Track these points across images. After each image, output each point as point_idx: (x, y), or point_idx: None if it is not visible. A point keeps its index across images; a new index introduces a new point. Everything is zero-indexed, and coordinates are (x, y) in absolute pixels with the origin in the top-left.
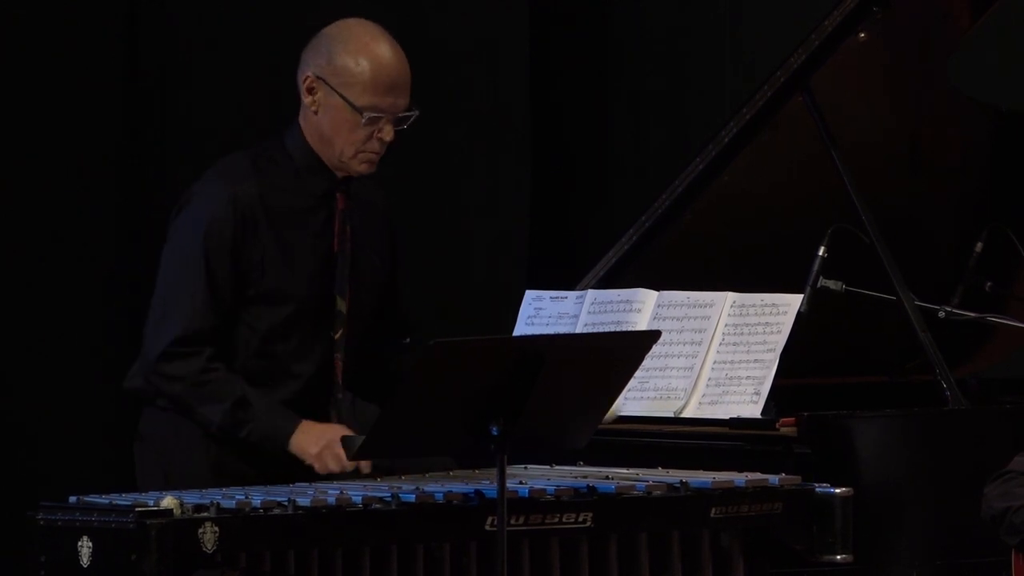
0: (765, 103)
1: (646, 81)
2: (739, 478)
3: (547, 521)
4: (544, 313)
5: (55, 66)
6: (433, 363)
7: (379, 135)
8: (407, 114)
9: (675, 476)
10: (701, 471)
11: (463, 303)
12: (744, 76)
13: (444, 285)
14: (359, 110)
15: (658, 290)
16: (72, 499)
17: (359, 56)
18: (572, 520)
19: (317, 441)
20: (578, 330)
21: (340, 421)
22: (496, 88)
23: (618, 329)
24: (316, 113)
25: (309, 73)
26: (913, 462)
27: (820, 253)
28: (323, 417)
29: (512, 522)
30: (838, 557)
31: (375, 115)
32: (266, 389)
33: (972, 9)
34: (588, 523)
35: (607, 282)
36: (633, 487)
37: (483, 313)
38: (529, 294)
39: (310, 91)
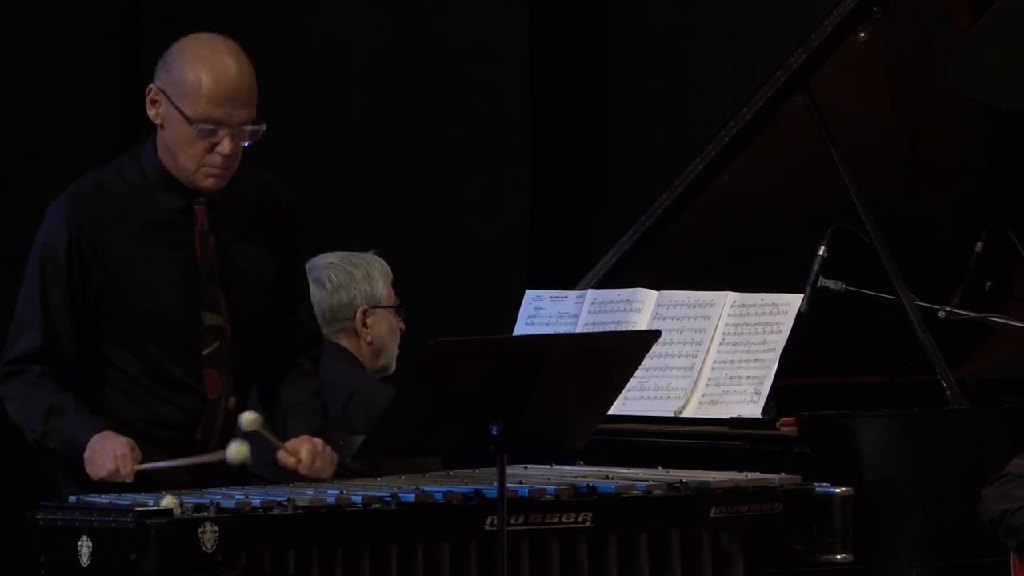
0: (765, 103)
1: (646, 81)
2: (739, 478)
3: (547, 521)
4: (544, 313)
5: (55, 66)
6: (433, 363)
7: (218, 150)
8: (251, 127)
9: (675, 476)
10: (701, 471)
11: (463, 303)
12: (744, 76)
13: (444, 285)
14: (191, 121)
15: (658, 290)
16: (72, 499)
17: (196, 67)
18: (572, 520)
19: (93, 446)
20: (578, 330)
21: (206, 435)
22: (496, 88)
23: (618, 329)
24: (162, 127)
25: (152, 85)
26: (913, 462)
27: (820, 253)
28: (191, 428)
29: (512, 522)
30: (838, 557)
31: (208, 127)
32: (148, 406)
33: (972, 9)
34: (588, 523)
35: (607, 282)
36: (633, 487)
37: (483, 313)
38: (529, 294)
39: (153, 103)
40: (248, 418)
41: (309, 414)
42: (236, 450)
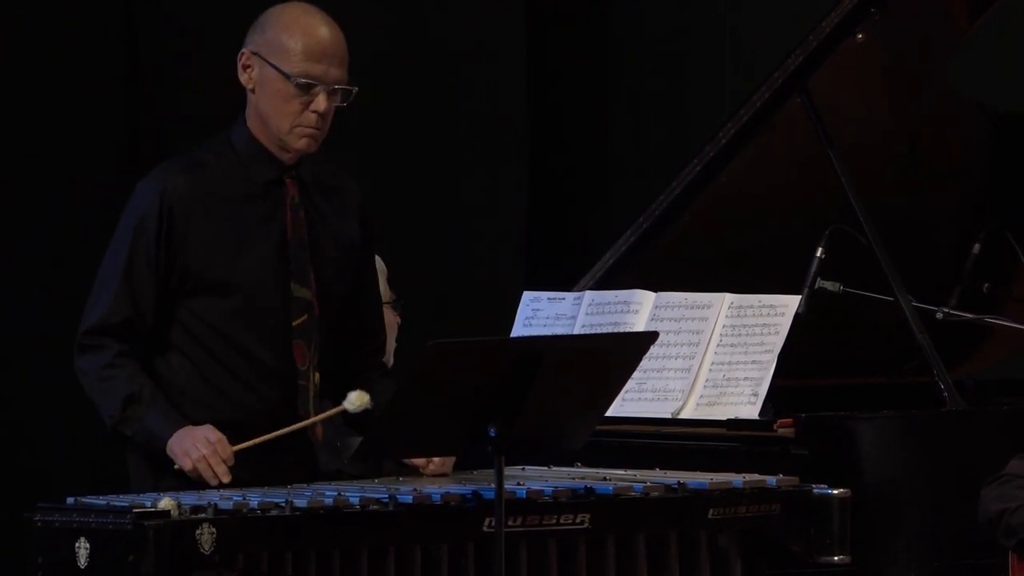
0: (763, 104)
1: (646, 81)
2: (737, 479)
3: (545, 522)
4: (542, 314)
5: (55, 66)
6: (431, 364)
7: (313, 107)
8: (343, 87)
9: (673, 477)
10: (699, 472)
11: (462, 304)
12: (744, 76)
13: (443, 285)
14: (289, 76)
15: (656, 291)
16: (69, 500)
17: (292, 27)
18: (570, 521)
19: (179, 442)
20: (576, 331)
21: (302, 409)
22: (494, 88)
23: (616, 330)
24: (253, 92)
25: (244, 50)
26: (911, 463)
27: (818, 254)
28: (290, 404)
29: (510, 523)
30: (836, 558)
31: (306, 81)
32: (227, 377)
33: (970, 10)
34: (586, 524)
35: (605, 283)
36: (631, 488)
37: (481, 314)
38: (527, 295)
39: (245, 68)
40: (358, 399)
41: None
42: (356, 398)
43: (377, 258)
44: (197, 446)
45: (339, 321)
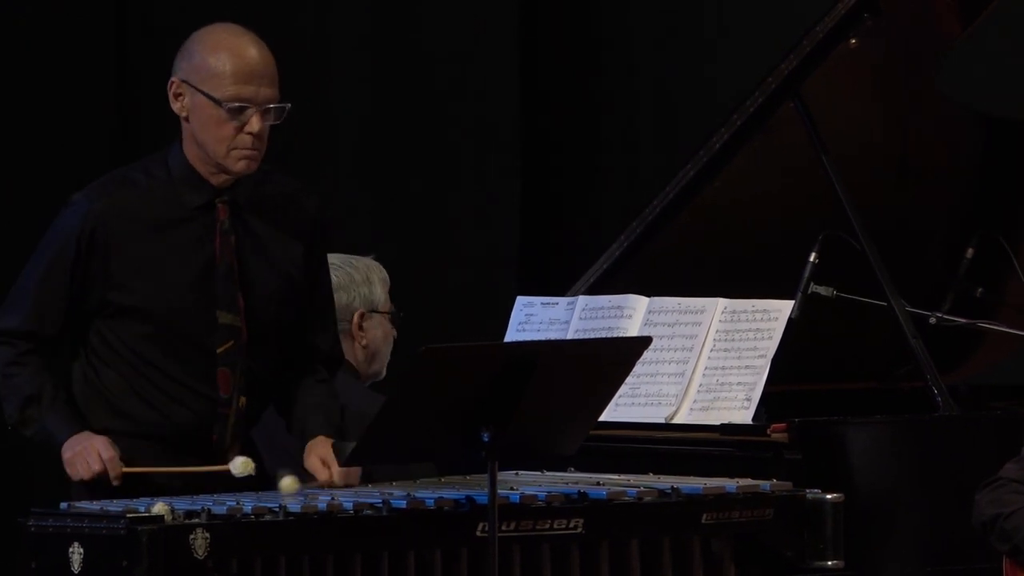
0: (757, 109)
1: (637, 87)
2: (730, 484)
3: (538, 527)
4: (535, 319)
5: (49, 69)
6: (424, 368)
7: (247, 129)
8: (276, 105)
9: (666, 482)
10: (692, 477)
11: (455, 309)
12: (736, 82)
13: (435, 291)
14: (219, 102)
15: (649, 296)
16: (63, 505)
17: (218, 51)
18: (563, 526)
19: (73, 447)
20: (569, 336)
21: (220, 435)
22: (485, 93)
23: (609, 335)
24: (187, 120)
25: (174, 79)
26: (904, 468)
27: (811, 259)
28: (207, 430)
29: (503, 528)
30: (829, 563)
31: (237, 105)
32: (158, 395)
33: (962, 16)
34: (579, 529)
35: (598, 288)
36: (624, 493)
37: (474, 319)
38: (520, 300)
39: (176, 96)
40: (287, 484)
41: (328, 414)
42: (242, 465)
43: (380, 267)
44: (90, 462)
45: (278, 342)
